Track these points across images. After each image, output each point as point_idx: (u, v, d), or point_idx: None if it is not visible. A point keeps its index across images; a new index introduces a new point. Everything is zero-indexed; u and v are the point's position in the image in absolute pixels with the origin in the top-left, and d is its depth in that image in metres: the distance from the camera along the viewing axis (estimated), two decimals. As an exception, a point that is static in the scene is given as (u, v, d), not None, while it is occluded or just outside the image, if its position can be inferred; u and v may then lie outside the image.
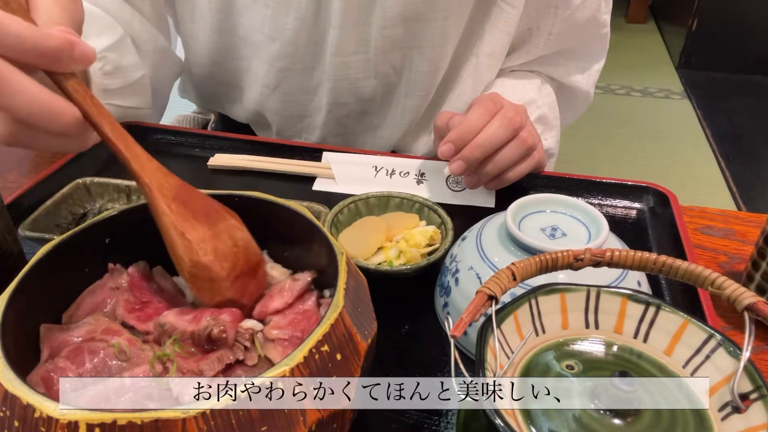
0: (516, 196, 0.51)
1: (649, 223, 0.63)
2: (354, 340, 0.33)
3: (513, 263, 0.36)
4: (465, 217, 0.57)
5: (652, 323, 0.36)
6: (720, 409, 0.32)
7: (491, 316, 0.33)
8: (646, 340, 0.36)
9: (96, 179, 0.62)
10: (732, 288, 0.33)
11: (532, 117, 0.72)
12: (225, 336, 0.35)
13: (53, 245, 0.37)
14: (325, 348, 0.31)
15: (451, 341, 0.31)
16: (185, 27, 0.80)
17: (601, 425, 0.30)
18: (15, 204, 0.61)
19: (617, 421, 0.31)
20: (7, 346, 0.30)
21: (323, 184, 0.70)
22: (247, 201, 0.42)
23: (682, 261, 0.35)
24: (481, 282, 0.39)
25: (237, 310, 0.38)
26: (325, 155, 0.72)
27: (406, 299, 0.52)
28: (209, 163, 0.72)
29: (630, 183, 0.67)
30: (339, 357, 0.32)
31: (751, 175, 2.16)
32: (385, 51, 0.72)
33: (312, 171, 0.71)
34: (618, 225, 0.63)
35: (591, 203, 0.58)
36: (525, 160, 0.63)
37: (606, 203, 0.66)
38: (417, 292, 0.53)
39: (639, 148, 2.36)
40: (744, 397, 0.31)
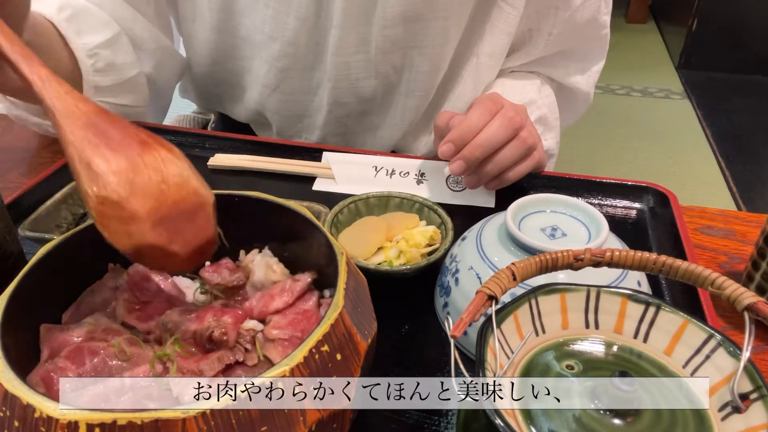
0: (516, 196, 0.51)
1: (649, 223, 0.63)
2: (354, 340, 0.33)
3: (513, 263, 0.36)
4: (465, 217, 0.57)
5: (652, 323, 0.36)
6: (720, 409, 0.32)
7: (491, 316, 0.33)
8: (646, 340, 0.36)
9: (96, 179, 0.62)
10: (732, 288, 0.33)
11: (532, 117, 0.72)
12: (226, 338, 0.36)
13: (53, 245, 0.37)
14: (325, 348, 0.31)
15: (451, 341, 0.31)
16: (186, 27, 0.80)
17: (601, 425, 0.30)
18: (15, 204, 0.61)
19: (617, 421, 0.31)
20: (7, 346, 0.30)
21: (323, 184, 0.70)
22: (247, 201, 0.42)
23: (682, 261, 0.35)
24: (481, 282, 0.39)
25: (238, 311, 0.38)
26: (325, 155, 0.72)
27: (406, 299, 0.52)
28: (209, 163, 0.72)
29: (630, 183, 0.67)
30: (339, 357, 0.32)
31: (751, 175, 2.16)
32: (386, 51, 0.72)
33: (312, 171, 0.71)
34: (618, 225, 0.63)
35: (591, 203, 0.58)
36: (525, 160, 0.63)
37: (606, 203, 0.66)
38: (417, 292, 0.53)
39: (639, 148, 2.36)
40: (744, 397, 0.31)
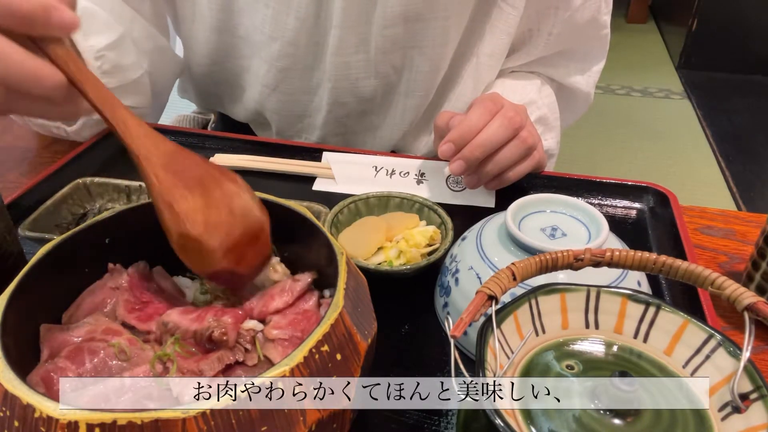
0: (516, 196, 0.51)
1: (649, 223, 0.63)
2: (354, 340, 0.33)
3: (513, 263, 0.36)
4: (465, 217, 0.57)
5: (652, 323, 0.36)
6: (720, 409, 0.32)
7: (491, 316, 0.33)
8: (646, 340, 0.36)
9: (96, 179, 0.62)
10: (732, 288, 0.33)
11: (532, 117, 0.72)
12: (226, 339, 0.35)
13: (53, 245, 0.37)
14: (325, 348, 0.31)
15: (451, 341, 0.31)
16: (186, 27, 0.80)
17: (601, 425, 0.30)
18: (15, 204, 0.61)
19: (617, 421, 0.31)
20: (7, 346, 0.30)
21: (323, 184, 0.70)
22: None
23: (682, 261, 0.35)
24: (481, 282, 0.39)
25: (239, 310, 0.38)
26: (325, 155, 0.72)
27: (406, 299, 0.52)
28: (209, 163, 0.71)
29: (630, 183, 0.67)
30: (339, 357, 0.32)
31: (751, 175, 2.16)
32: (386, 51, 0.72)
33: (312, 171, 0.71)
34: (618, 225, 0.63)
35: (591, 203, 0.58)
36: (525, 159, 0.63)
37: (606, 203, 0.66)
38: (417, 292, 0.53)
39: (639, 148, 2.36)
40: (744, 397, 0.31)
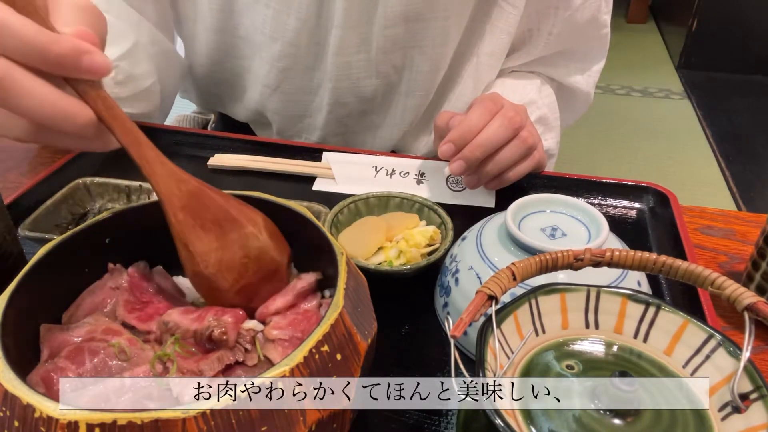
0: (516, 196, 0.51)
1: (649, 223, 0.63)
2: (354, 340, 0.33)
3: (513, 263, 0.36)
4: (465, 217, 0.57)
5: (652, 323, 0.36)
6: (720, 409, 0.32)
7: (491, 316, 0.33)
8: (646, 340, 0.36)
9: (96, 179, 0.62)
10: (732, 288, 0.33)
11: (532, 117, 0.72)
12: (226, 338, 0.35)
13: (53, 245, 0.37)
14: (325, 348, 0.31)
15: (451, 341, 0.31)
16: (187, 27, 0.80)
17: (601, 425, 0.30)
18: (15, 204, 0.61)
19: (617, 421, 0.31)
20: (7, 346, 0.30)
21: (323, 184, 0.70)
22: (247, 201, 0.42)
23: (682, 261, 0.35)
24: (481, 282, 0.39)
25: (240, 311, 0.38)
26: (325, 155, 0.72)
27: (406, 299, 0.52)
28: (209, 163, 0.72)
29: (630, 183, 0.67)
30: (339, 357, 0.32)
31: (751, 175, 2.16)
32: (387, 50, 0.72)
33: (312, 171, 0.71)
34: (618, 225, 0.63)
35: (591, 203, 0.58)
36: (525, 159, 0.63)
37: (606, 203, 0.66)
38: (417, 292, 0.53)
39: (639, 148, 2.36)
40: (744, 397, 0.31)
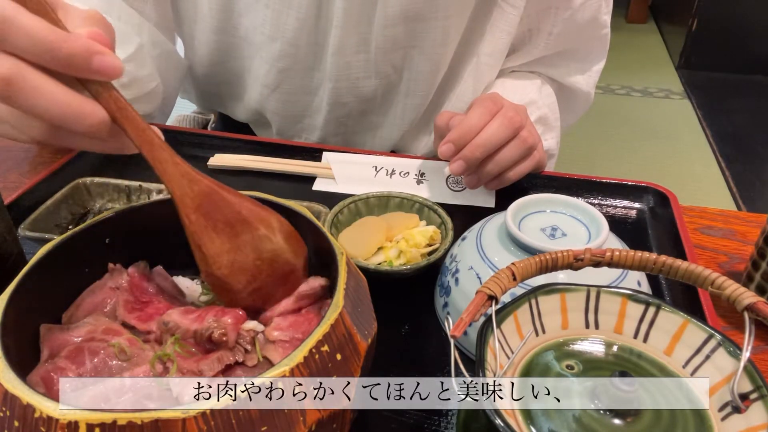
0: (516, 196, 0.51)
1: (649, 223, 0.63)
2: (354, 340, 0.33)
3: (513, 263, 0.36)
4: (465, 217, 0.57)
5: (652, 323, 0.36)
6: (720, 409, 0.32)
7: (491, 316, 0.33)
8: (646, 340, 0.36)
9: (96, 179, 0.62)
10: (732, 288, 0.33)
11: (532, 117, 0.72)
12: (226, 339, 0.35)
13: (53, 245, 0.37)
14: (325, 348, 0.31)
15: (451, 341, 0.31)
16: (187, 27, 0.80)
17: (601, 425, 0.30)
18: (15, 204, 0.60)
19: (617, 421, 0.31)
20: (7, 346, 0.30)
21: (323, 184, 0.70)
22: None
23: (682, 261, 0.35)
24: (481, 282, 0.39)
25: (239, 311, 0.38)
26: (325, 155, 0.72)
27: (406, 299, 0.52)
28: (209, 163, 0.72)
29: (630, 183, 0.67)
30: (339, 357, 0.32)
31: (751, 175, 2.16)
32: (386, 50, 0.72)
33: (312, 171, 0.71)
34: (618, 225, 0.63)
35: (591, 203, 0.58)
36: (525, 159, 0.63)
37: (606, 203, 0.66)
38: (417, 292, 0.53)
39: (639, 148, 2.36)
40: (744, 397, 0.31)
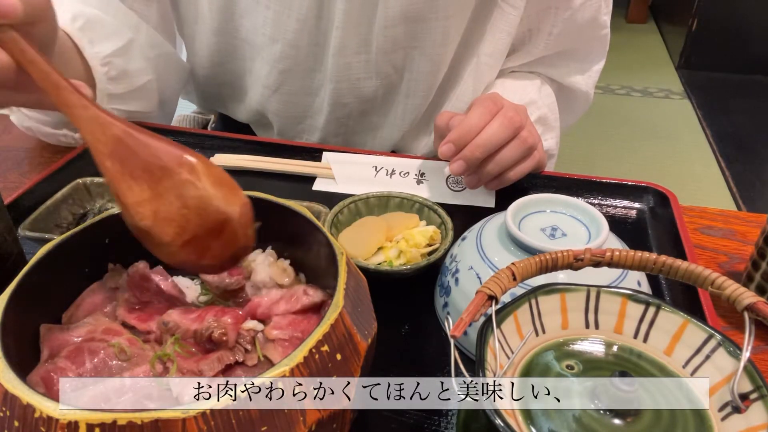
0: (516, 196, 0.51)
1: (649, 223, 0.63)
2: (354, 340, 0.33)
3: (513, 263, 0.36)
4: (465, 217, 0.57)
5: (652, 323, 0.36)
6: (720, 409, 0.32)
7: (491, 316, 0.33)
8: (646, 340, 0.36)
9: (96, 179, 0.62)
10: (732, 288, 0.33)
11: (532, 117, 0.72)
12: (225, 339, 0.35)
13: (53, 245, 0.37)
14: (325, 348, 0.31)
15: (451, 341, 0.31)
16: (188, 28, 0.80)
17: (601, 425, 0.30)
18: (15, 204, 0.60)
19: (617, 421, 0.31)
20: (7, 346, 0.30)
21: (323, 184, 0.70)
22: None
23: (682, 261, 0.35)
24: (481, 282, 0.39)
25: (239, 311, 0.38)
26: (325, 155, 0.72)
27: (406, 299, 0.52)
28: (209, 163, 0.71)
29: (630, 183, 0.67)
30: (339, 357, 0.32)
31: (751, 175, 2.16)
32: (387, 51, 0.72)
33: (312, 171, 0.71)
34: (618, 225, 0.63)
35: (591, 203, 0.58)
36: (525, 159, 0.63)
37: (606, 203, 0.66)
38: (417, 292, 0.53)
39: (639, 148, 2.36)
40: (744, 397, 0.31)
